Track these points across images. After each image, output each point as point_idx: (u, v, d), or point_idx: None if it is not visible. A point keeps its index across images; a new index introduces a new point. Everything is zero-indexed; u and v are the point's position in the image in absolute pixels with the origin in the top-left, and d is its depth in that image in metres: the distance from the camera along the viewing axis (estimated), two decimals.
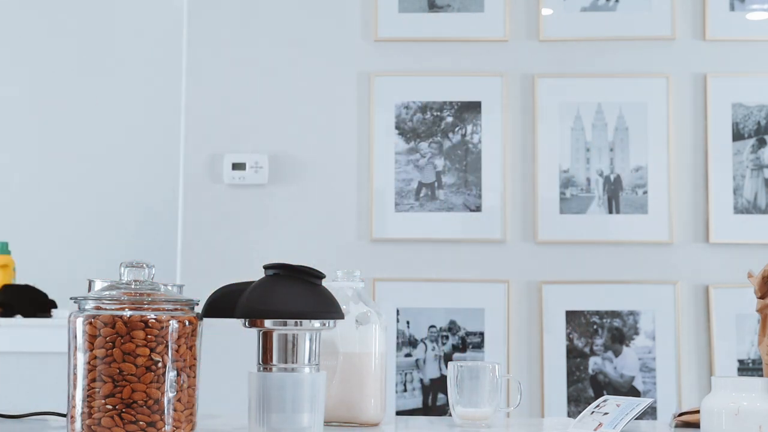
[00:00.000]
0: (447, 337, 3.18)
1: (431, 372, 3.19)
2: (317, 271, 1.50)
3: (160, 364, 1.39)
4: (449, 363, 1.77)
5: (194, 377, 1.45)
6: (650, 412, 3.08)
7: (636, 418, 1.60)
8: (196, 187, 3.28)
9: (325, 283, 1.54)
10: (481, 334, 3.19)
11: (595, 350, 3.18)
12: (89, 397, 1.39)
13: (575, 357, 3.18)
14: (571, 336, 3.19)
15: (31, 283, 3.36)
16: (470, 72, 3.27)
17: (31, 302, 3.28)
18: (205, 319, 1.50)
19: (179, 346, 1.42)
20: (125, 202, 4.07)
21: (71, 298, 1.45)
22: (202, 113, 3.30)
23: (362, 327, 1.71)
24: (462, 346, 3.18)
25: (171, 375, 1.40)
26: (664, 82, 3.24)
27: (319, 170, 3.27)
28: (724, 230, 3.19)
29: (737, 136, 3.23)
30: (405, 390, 3.19)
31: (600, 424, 1.56)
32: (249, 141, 3.28)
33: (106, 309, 1.40)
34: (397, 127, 3.26)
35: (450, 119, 3.25)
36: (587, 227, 3.21)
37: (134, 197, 4.07)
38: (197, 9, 3.34)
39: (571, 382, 3.17)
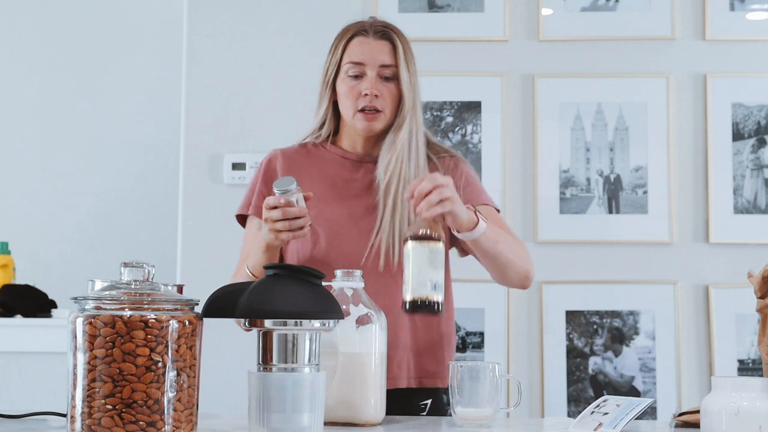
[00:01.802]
0: None
1: None
2: (317, 271, 1.51)
3: (160, 364, 1.39)
4: (449, 363, 1.77)
5: (194, 377, 1.45)
6: (650, 412, 3.08)
7: (636, 418, 1.60)
8: (196, 187, 3.28)
9: (324, 283, 1.54)
10: (481, 334, 3.19)
11: (595, 350, 3.18)
12: (89, 397, 1.39)
13: (575, 357, 3.18)
14: (571, 336, 3.19)
15: (31, 283, 3.36)
16: (470, 72, 3.27)
17: (31, 302, 3.28)
18: (205, 319, 1.50)
19: (179, 346, 1.42)
20: (125, 201, 4.08)
21: (71, 298, 1.45)
22: (202, 113, 3.30)
23: (362, 327, 1.71)
24: (462, 346, 3.18)
25: (171, 375, 1.40)
26: (664, 82, 3.24)
27: None
28: (724, 230, 3.19)
29: (737, 136, 3.23)
30: None
31: (600, 424, 1.56)
32: (249, 141, 3.28)
33: (106, 309, 1.40)
34: None
35: (450, 119, 3.25)
36: (587, 227, 3.21)
37: (134, 197, 4.08)
38: (197, 9, 3.34)
39: (571, 382, 3.17)
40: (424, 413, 2.02)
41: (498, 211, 2.17)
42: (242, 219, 2.23)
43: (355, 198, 2.09)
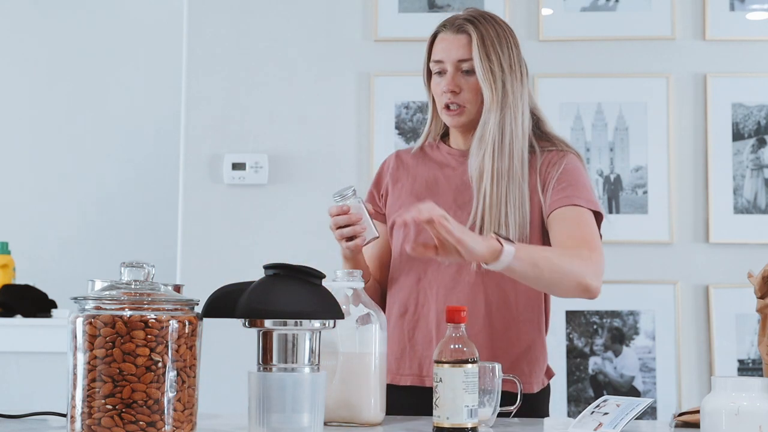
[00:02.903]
0: None
1: None
2: (317, 271, 1.50)
3: (160, 364, 1.39)
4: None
5: (194, 377, 1.45)
6: (650, 412, 3.08)
7: (636, 418, 1.60)
8: (196, 187, 3.28)
9: (325, 283, 1.54)
10: None
11: (595, 350, 3.18)
12: (89, 397, 1.39)
13: (575, 357, 3.18)
14: (571, 336, 3.19)
15: (31, 283, 3.36)
16: None
17: (31, 302, 3.28)
18: (205, 319, 1.50)
19: (179, 346, 1.42)
20: (125, 201, 4.07)
21: (71, 298, 1.44)
22: (202, 113, 3.30)
23: (362, 327, 1.71)
24: None
25: (171, 375, 1.40)
26: (664, 82, 3.24)
27: (319, 170, 3.27)
28: (724, 230, 3.19)
29: (737, 136, 3.23)
30: None
31: (600, 424, 1.56)
32: (249, 141, 3.28)
33: (106, 309, 1.40)
34: (397, 127, 3.26)
35: None
36: None
37: (134, 197, 4.08)
38: (197, 9, 3.34)
39: (571, 382, 3.17)
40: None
41: (597, 213, 2.03)
42: None
43: (450, 193, 2.08)
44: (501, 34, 2.07)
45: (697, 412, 1.65)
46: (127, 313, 1.39)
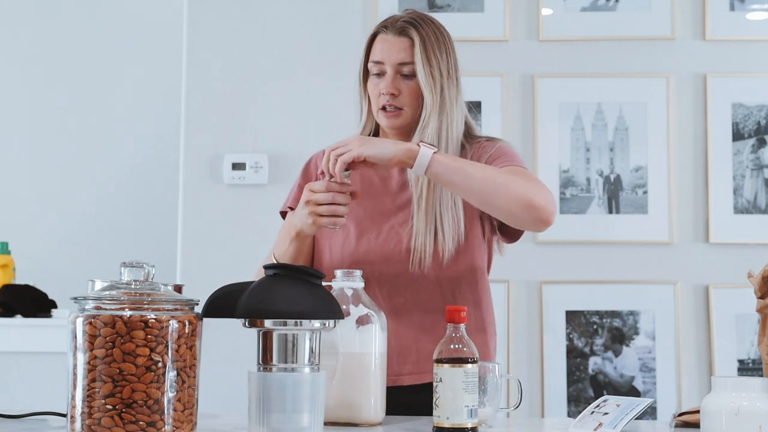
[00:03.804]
0: None
1: None
2: (317, 271, 1.51)
3: (160, 364, 1.39)
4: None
5: (194, 377, 1.45)
6: (650, 412, 3.08)
7: (636, 418, 1.60)
8: (196, 187, 3.28)
9: (324, 283, 1.54)
10: None
11: (595, 350, 3.18)
12: (89, 397, 1.39)
13: (575, 357, 3.18)
14: (571, 336, 3.19)
15: (31, 283, 3.36)
16: (470, 72, 3.25)
17: (31, 302, 3.28)
18: (205, 319, 1.50)
19: (179, 346, 1.42)
20: (125, 201, 4.07)
21: (71, 298, 1.45)
22: (202, 113, 3.30)
23: (362, 327, 1.71)
24: None
25: (171, 375, 1.40)
26: (664, 82, 3.24)
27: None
28: (724, 230, 3.19)
29: (737, 136, 3.23)
30: None
31: (600, 424, 1.56)
32: (249, 141, 3.28)
33: (106, 309, 1.40)
34: None
35: None
36: (587, 227, 3.21)
37: (134, 197, 4.07)
38: (197, 9, 3.34)
39: (571, 382, 3.17)
40: None
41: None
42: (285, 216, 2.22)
43: (388, 195, 2.08)
44: (441, 39, 2.09)
45: (697, 412, 1.65)
46: (127, 313, 1.39)
